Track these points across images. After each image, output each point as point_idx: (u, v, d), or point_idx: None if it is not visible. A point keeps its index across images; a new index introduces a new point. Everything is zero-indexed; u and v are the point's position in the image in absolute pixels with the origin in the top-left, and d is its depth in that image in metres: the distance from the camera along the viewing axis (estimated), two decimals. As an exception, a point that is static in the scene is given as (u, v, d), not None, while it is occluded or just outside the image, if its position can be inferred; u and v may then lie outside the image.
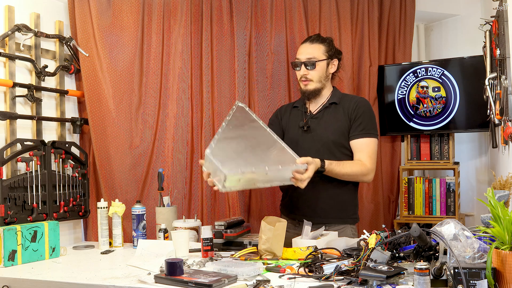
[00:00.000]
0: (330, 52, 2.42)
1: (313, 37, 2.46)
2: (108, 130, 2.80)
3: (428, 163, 3.24)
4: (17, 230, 2.18)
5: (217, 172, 2.02)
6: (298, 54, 2.45)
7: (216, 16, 2.95)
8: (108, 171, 2.80)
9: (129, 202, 2.72)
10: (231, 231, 2.27)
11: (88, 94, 2.80)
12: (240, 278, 1.74)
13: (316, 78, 2.40)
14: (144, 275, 1.85)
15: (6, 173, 2.41)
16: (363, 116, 2.38)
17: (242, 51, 2.93)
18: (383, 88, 3.23)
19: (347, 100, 2.44)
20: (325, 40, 2.44)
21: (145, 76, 2.90)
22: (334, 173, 2.28)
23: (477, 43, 2.83)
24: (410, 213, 3.25)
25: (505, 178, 2.10)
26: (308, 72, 2.39)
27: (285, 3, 3.00)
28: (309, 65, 2.38)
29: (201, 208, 2.90)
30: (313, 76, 2.39)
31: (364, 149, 2.36)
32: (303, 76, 2.40)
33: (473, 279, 1.43)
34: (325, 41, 2.44)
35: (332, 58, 2.43)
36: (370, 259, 1.66)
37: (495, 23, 2.34)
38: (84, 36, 2.80)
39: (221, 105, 2.94)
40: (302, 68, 2.40)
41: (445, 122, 3.12)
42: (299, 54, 2.44)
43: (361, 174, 2.34)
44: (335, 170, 2.26)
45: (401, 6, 3.17)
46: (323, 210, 2.38)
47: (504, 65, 2.19)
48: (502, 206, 1.49)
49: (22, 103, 2.56)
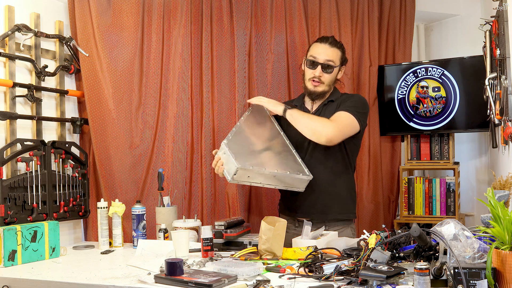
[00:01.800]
0: (343, 58, 2.46)
1: (331, 40, 2.43)
2: (108, 130, 2.80)
3: (428, 163, 3.24)
4: (17, 230, 2.18)
5: (229, 163, 2.14)
6: (315, 53, 2.40)
7: (216, 16, 2.95)
8: (108, 171, 2.80)
9: (129, 202, 2.72)
10: (231, 231, 2.27)
11: (88, 94, 2.80)
12: (240, 278, 1.74)
13: (327, 82, 2.41)
14: (144, 275, 1.85)
15: (6, 173, 2.41)
16: (350, 101, 2.41)
17: (242, 51, 2.93)
18: (383, 88, 3.23)
19: (343, 96, 2.49)
20: (341, 46, 2.46)
21: (145, 76, 2.90)
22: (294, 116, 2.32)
23: (477, 43, 2.83)
24: (410, 213, 3.25)
25: (505, 178, 2.10)
26: (323, 74, 2.38)
27: (285, 3, 3.00)
28: (327, 68, 2.38)
29: (201, 208, 2.90)
30: (326, 79, 2.40)
31: (335, 117, 2.32)
32: (316, 77, 2.39)
33: (473, 279, 1.43)
34: (342, 47, 2.45)
35: (342, 65, 2.46)
36: (370, 259, 1.66)
37: (495, 23, 2.34)
38: (84, 36, 2.80)
39: (221, 105, 2.94)
40: (318, 69, 2.38)
41: (445, 122, 3.12)
42: (317, 53, 2.39)
43: (321, 125, 2.27)
44: (299, 113, 2.33)
45: (401, 6, 3.17)
46: (324, 206, 2.39)
47: (504, 65, 2.19)
48: (502, 206, 1.49)
49: (22, 103, 2.56)
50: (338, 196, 2.41)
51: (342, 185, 2.42)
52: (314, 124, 2.28)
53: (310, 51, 2.44)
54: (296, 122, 2.31)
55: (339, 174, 2.42)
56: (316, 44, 2.44)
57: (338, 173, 2.41)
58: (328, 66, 2.38)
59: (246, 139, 2.28)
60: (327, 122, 2.27)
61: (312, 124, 2.28)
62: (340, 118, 2.29)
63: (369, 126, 3.13)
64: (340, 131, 2.27)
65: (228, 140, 2.19)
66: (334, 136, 2.25)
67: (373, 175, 3.15)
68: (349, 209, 2.45)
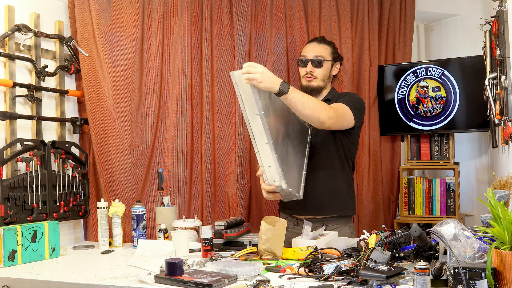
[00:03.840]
0: (335, 54, 2.52)
1: (319, 38, 2.56)
2: (108, 130, 2.80)
3: (428, 163, 3.24)
4: (17, 230, 2.18)
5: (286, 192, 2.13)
6: (304, 52, 2.51)
7: (216, 16, 2.95)
8: (108, 171, 2.79)
9: (129, 202, 2.72)
10: (231, 231, 2.27)
11: (88, 94, 2.80)
12: (240, 278, 1.74)
13: (320, 76, 2.46)
14: (144, 275, 1.85)
15: (6, 173, 2.41)
16: (348, 96, 2.44)
17: (242, 51, 2.93)
18: (383, 88, 3.23)
19: (340, 94, 2.52)
20: (331, 43, 2.55)
21: (145, 76, 2.90)
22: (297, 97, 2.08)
23: (477, 43, 2.83)
24: (410, 213, 3.25)
25: (505, 178, 2.10)
26: (314, 69, 2.45)
27: (285, 3, 3.00)
28: (316, 63, 2.44)
29: (201, 208, 2.90)
30: (318, 74, 2.46)
31: (333, 105, 2.29)
32: (308, 73, 2.46)
33: (473, 279, 1.43)
34: (331, 43, 2.55)
35: (336, 61, 2.52)
36: (370, 259, 1.66)
37: (495, 23, 2.34)
38: (84, 36, 2.80)
39: (221, 105, 2.94)
40: (309, 65, 2.45)
41: (445, 122, 3.12)
42: (306, 52, 2.50)
43: (323, 108, 2.15)
44: (298, 93, 2.10)
45: (401, 6, 3.17)
46: (322, 202, 2.40)
47: (504, 65, 2.19)
48: (502, 206, 1.49)
49: (22, 103, 2.56)
50: (336, 192, 2.42)
51: (339, 181, 2.43)
52: (315, 106, 2.12)
53: (301, 52, 2.55)
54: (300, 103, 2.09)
55: (336, 170, 2.43)
56: (305, 45, 2.57)
57: (335, 170, 2.43)
58: (318, 61, 2.45)
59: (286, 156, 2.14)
60: (325, 105, 2.19)
61: (313, 106, 2.11)
62: (337, 107, 2.28)
63: (369, 126, 3.13)
64: (337, 119, 2.21)
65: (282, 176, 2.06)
66: (331, 122, 2.17)
67: (373, 175, 3.15)
68: (347, 205, 2.46)
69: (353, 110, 2.32)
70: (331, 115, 2.16)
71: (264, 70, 2.00)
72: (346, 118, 2.30)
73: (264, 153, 2.05)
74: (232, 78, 2.06)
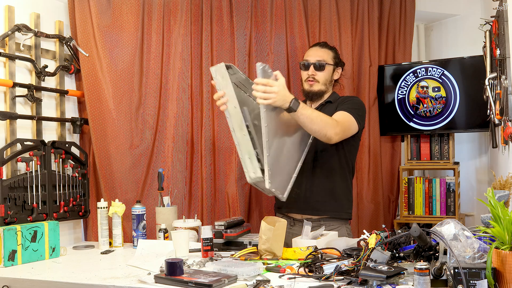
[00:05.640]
0: (337, 59, 2.55)
1: (322, 43, 2.58)
2: (108, 130, 2.80)
3: (428, 163, 3.24)
4: (17, 230, 2.18)
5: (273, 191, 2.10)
6: (307, 56, 2.54)
7: (216, 16, 2.95)
8: (108, 171, 2.79)
9: (129, 202, 2.72)
10: (231, 231, 2.27)
11: (88, 94, 2.80)
12: (240, 278, 1.74)
13: (322, 80, 2.48)
14: (144, 275, 1.85)
15: (6, 173, 2.41)
16: (349, 102, 2.44)
17: (242, 51, 2.93)
18: (383, 88, 3.23)
19: (342, 98, 2.52)
20: (333, 48, 2.58)
21: (145, 76, 2.89)
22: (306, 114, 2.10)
23: (477, 43, 2.83)
24: (410, 213, 3.25)
25: (505, 178, 2.10)
26: (316, 73, 2.47)
27: (285, 3, 3.00)
28: (318, 67, 2.47)
29: (201, 208, 2.90)
30: (320, 77, 2.48)
31: (337, 117, 2.29)
32: (310, 76, 2.48)
33: (473, 279, 1.43)
34: (333, 49, 2.58)
35: (337, 66, 2.55)
36: (370, 259, 1.66)
37: (495, 23, 2.34)
38: (84, 36, 2.80)
39: (221, 105, 2.94)
40: (311, 68, 2.47)
41: (445, 122, 3.12)
42: (308, 56, 2.53)
43: (331, 124, 2.18)
44: (308, 110, 2.11)
45: (401, 6, 3.17)
46: (318, 202, 2.41)
47: (504, 65, 2.19)
48: (502, 206, 1.50)
49: (22, 103, 2.56)
50: (332, 194, 2.42)
51: (337, 183, 2.43)
52: (324, 122, 2.16)
53: (304, 56, 2.58)
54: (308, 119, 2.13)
55: (334, 172, 2.43)
56: (308, 50, 2.61)
57: (333, 172, 2.43)
58: (320, 65, 2.47)
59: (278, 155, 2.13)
60: (332, 120, 2.22)
61: (322, 122, 2.15)
62: (342, 119, 2.30)
63: (369, 126, 3.13)
64: (344, 134, 2.29)
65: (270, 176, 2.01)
66: (338, 137, 2.24)
67: (373, 175, 3.15)
68: (344, 208, 2.46)
69: (356, 118, 2.35)
70: (337, 131, 2.20)
71: (280, 88, 2.02)
72: (351, 128, 2.34)
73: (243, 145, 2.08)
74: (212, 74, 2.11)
